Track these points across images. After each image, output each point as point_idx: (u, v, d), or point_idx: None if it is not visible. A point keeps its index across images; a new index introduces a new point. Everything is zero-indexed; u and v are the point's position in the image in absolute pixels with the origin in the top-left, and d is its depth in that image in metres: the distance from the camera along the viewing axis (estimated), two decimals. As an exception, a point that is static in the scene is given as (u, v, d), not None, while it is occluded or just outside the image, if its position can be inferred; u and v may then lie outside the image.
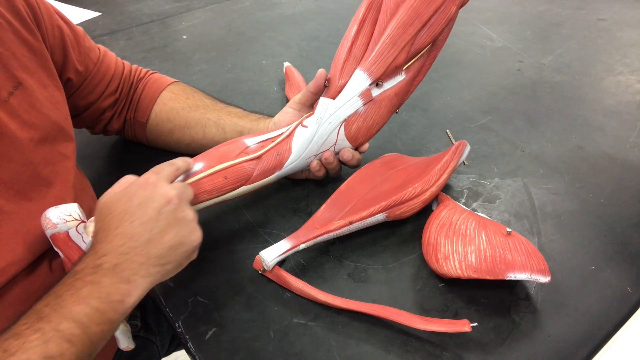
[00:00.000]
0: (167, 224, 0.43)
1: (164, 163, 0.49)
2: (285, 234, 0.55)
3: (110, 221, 0.42)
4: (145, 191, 0.44)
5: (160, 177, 0.46)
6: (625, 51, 0.96)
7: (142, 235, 0.42)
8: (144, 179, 0.46)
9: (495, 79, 0.89)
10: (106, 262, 0.40)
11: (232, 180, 0.54)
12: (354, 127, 0.59)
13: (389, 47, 0.56)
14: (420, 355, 0.45)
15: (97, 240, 0.42)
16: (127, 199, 0.43)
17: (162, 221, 0.43)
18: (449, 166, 0.57)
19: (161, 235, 0.43)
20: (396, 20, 0.56)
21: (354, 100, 0.58)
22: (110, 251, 0.41)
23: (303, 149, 0.58)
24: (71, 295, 0.38)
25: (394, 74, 0.59)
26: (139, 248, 0.42)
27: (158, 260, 0.43)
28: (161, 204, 0.44)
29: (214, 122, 0.66)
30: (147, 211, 0.43)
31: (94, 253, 0.41)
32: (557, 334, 0.46)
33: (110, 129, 0.70)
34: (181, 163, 0.50)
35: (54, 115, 0.53)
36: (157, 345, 0.76)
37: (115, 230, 0.42)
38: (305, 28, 1.13)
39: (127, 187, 0.45)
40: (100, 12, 1.26)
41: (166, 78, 0.71)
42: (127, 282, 0.40)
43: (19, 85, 0.49)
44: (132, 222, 0.42)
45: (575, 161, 0.68)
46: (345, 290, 0.51)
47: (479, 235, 0.49)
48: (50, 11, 0.57)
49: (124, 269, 0.40)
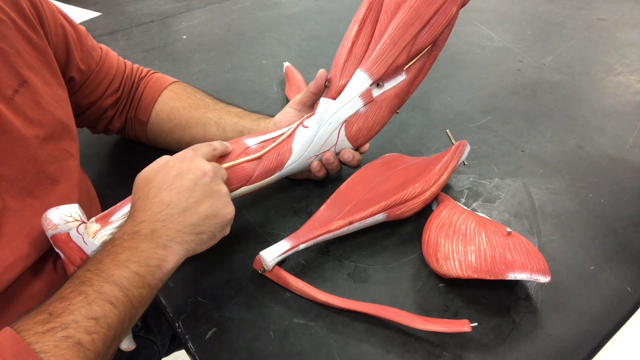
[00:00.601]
0: (203, 194, 0.46)
1: (203, 143, 0.52)
2: (285, 234, 0.55)
3: (149, 190, 0.45)
4: (183, 164, 0.47)
5: (197, 153, 0.49)
6: (625, 51, 0.96)
7: (178, 204, 0.44)
8: (182, 154, 0.49)
9: (495, 79, 0.89)
10: (144, 228, 0.43)
11: (234, 181, 0.54)
12: (355, 127, 0.59)
13: (389, 48, 0.56)
14: (420, 355, 0.45)
15: (135, 208, 0.45)
16: (165, 170, 0.47)
17: (198, 192, 0.46)
18: (449, 166, 0.57)
19: (196, 205, 0.45)
20: (397, 21, 0.56)
21: (355, 100, 0.58)
22: (148, 218, 0.43)
23: (304, 150, 0.58)
24: (111, 260, 0.40)
25: (394, 75, 0.59)
26: (175, 215, 0.44)
27: (193, 229, 0.45)
28: (197, 175, 0.47)
29: (215, 121, 0.66)
30: (183, 182, 0.46)
31: (132, 220, 0.44)
32: (557, 334, 0.46)
33: (111, 128, 0.70)
34: (218, 145, 0.53)
35: (59, 114, 0.53)
36: (157, 345, 0.76)
37: (153, 199, 0.44)
38: (305, 28, 1.13)
39: (166, 160, 0.48)
40: (100, 12, 1.26)
41: (167, 77, 0.72)
42: (163, 247, 0.43)
43: (23, 83, 0.50)
44: (170, 192, 0.45)
45: (575, 161, 0.68)
46: (345, 290, 0.51)
47: (479, 235, 0.49)
48: (54, 10, 0.57)
49: (160, 235, 0.43)
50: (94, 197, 0.61)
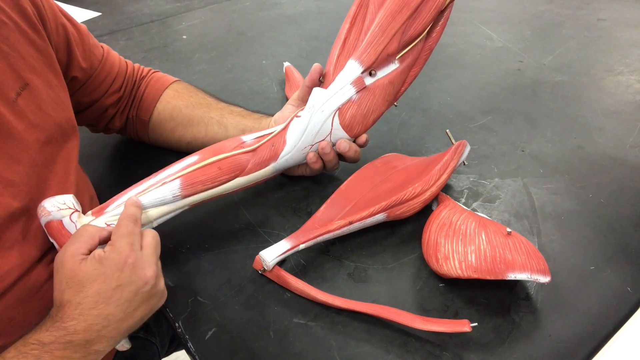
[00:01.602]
0: (142, 301, 0.45)
1: (127, 220, 0.47)
2: (285, 234, 0.55)
3: (83, 299, 0.42)
4: (123, 273, 0.43)
5: (137, 255, 0.45)
6: (625, 51, 0.96)
7: (116, 315, 0.43)
8: (122, 257, 0.44)
9: (495, 79, 0.89)
10: (77, 339, 0.41)
11: (227, 171, 0.54)
12: (348, 114, 0.59)
13: (378, 35, 0.57)
14: (420, 355, 0.45)
15: (65, 314, 0.42)
16: (102, 279, 0.43)
17: (137, 301, 0.44)
18: (449, 166, 0.57)
19: (134, 312, 0.44)
20: (384, 9, 0.57)
21: (347, 88, 0.58)
22: (84, 330, 0.42)
23: (298, 139, 0.58)
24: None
25: (387, 63, 0.60)
26: (112, 325, 0.43)
27: (127, 331, 0.45)
28: (139, 286, 0.44)
29: (217, 120, 0.66)
30: (123, 294, 0.43)
31: (64, 328, 0.41)
32: (557, 334, 0.46)
33: (112, 127, 0.70)
34: (135, 210, 0.49)
35: (59, 117, 0.53)
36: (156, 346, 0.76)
37: (89, 311, 0.42)
38: (305, 28, 1.13)
39: (103, 263, 0.43)
40: (100, 12, 1.26)
41: (169, 77, 0.72)
42: (95, 352, 0.43)
43: (26, 86, 0.49)
44: (108, 305, 0.43)
45: (575, 161, 0.68)
46: (345, 290, 0.51)
47: (479, 235, 0.49)
48: (55, 9, 0.57)
49: (95, 344, 0.42)
50: (94, 197, 0.61)
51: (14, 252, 0.46)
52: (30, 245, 0.48)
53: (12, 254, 0.46)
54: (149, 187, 0.52)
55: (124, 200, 0.51)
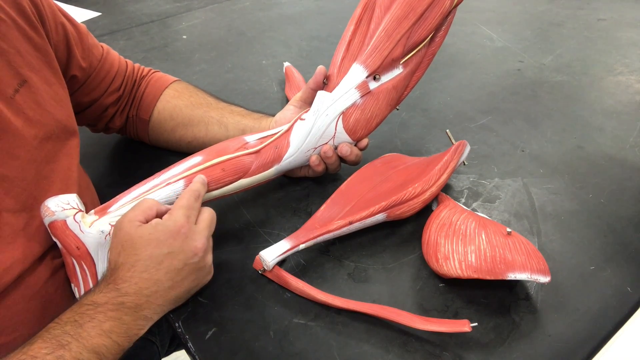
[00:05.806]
0: (190, 272, 0.47)
1: (189, 193, 0.50)
2: (285, 234, 0.55)
3: (136, 262, 0.44)
4: (175, 241, 0.46)
5: (191, 227, 0.47)
6: (625, 51, 0.96)
7: (165, 283, 0.45)
8: (176, 225, 0.46)
9: (495, 79, 0.89)
10: (129, 302, 0.43)
11: (230, 173, 0.54)
12: (352, 119, 0.59)
13: (384, 40, 0.57)
14: (420, 355, 0.45)
15: (119, 276, 0.44)
16: (155, 244, 0.45)
17: (186, 271, 0.46)
18: (449, 166, 0.57)
19: (181, 282, 0.47)
20: (390, 14, 0.57)
21: (351, 92, 0.58)
22: (134, 292, 0.44)
23: (301, 142, 0.58)
24: (93, 327, 0.41)
25: (391, 67, 0.60)
26: (160, 292, 0.45)
27: (175, 301, 0.47)
28: (188, 256, 0.46)
29: (217, 120, 0.66)
30: (173, 262, 0.45)
31: (116, 290, 0.44)
32: (557, 334, 0.46)
33: (112, 127, 0.70)
34: (201, 186, 0.52)
35: (58, 114, 0.53)
36: (157, 346, 0.76)
37: (140, 274, 0.44)
38: (305, 28, 1.13)
39: (157, 229, 0.46)
40: (100, 12, 1.26)
41: (169, 76, 0.72)
42: (145, 319, 0.44)
43: (24, 83, 0.50)
44: (158, 270, 0.45)
45: (575, 161, 0.68)
46: (345, 290, 0.51)
47: (479, 235, 0.49)
48: (54, 9, 0.57)
49: (143, 309, 0.44)
50: (95, 196, 0.61)
51: (15, 247, 0.47)
52: (33, 242, 0.48)
53: (13, 250, 0.46)
54: (153, 187, 0.52)
55: (127, 201, 0.51)
